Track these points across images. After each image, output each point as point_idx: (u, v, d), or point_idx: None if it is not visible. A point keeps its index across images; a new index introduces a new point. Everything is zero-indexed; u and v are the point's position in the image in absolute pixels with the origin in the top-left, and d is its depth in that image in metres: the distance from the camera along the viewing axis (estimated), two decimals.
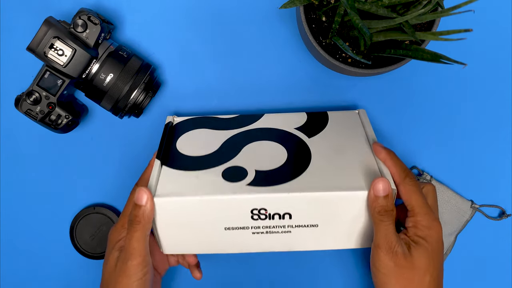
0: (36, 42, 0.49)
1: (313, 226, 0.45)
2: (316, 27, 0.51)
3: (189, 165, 0.48)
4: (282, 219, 0.44)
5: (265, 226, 0.45)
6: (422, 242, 0.43)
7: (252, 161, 0.48)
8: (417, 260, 0.42)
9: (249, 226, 0.45)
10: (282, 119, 0.54)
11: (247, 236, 0.45)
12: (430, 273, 0.43)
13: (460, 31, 0.41)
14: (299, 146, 0.50)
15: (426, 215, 0.44)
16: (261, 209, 0.44)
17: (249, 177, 0.46)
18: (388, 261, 0.42)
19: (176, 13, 0.57)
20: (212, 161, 0.48)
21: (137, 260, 0.44)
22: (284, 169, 0.47)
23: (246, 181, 0.45)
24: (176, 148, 0.51)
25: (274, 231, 0.45)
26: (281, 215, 0.44)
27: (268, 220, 0.45)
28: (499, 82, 0.58)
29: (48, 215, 0.59)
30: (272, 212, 0.44)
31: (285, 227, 0.45)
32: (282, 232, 0.45)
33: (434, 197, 0.48)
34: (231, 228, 0.45)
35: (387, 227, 0.43)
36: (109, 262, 0.46)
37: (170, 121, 0.55)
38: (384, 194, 0.42)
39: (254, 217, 0.44)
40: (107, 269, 0.46)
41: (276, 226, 0.45)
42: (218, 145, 0.51)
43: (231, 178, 0.46)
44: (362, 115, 0.55)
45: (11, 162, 0.59)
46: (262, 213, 0.44)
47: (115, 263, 0.45)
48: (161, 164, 0.48)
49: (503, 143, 0.59)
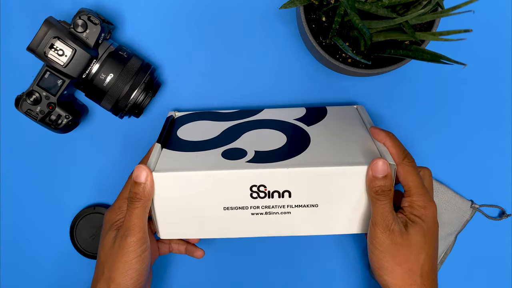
0: (36, 42, 0.49)
1: (313, 206, 0.45)
2: (316, 27, 0.51)
3: (189, 148, 0.48)
4: (282, 197, 0.44)
5: (264, 206, 0.45)
6: (418, 221, 0.44)
7: (251, 144, 0.48)
8: (413, 238, 0.43)
9: (248, 206, 0.45)
10: (281, 112, 0.55)
11: (246, 217, 0.45)
12: (425, 251, 0.44)
13: (460, 31, 0.41)
14: (298, 131, 0.50)
15: (422, 195, 0.44)
16: (260, 186, 0.44)
17: (249, 156, 0.46)
18: (384, 239, 0.43)
19: (176, 13, 0.57)
20: (212, 144, 0.49)
21: (137, 236, 0.44)
22: (283, 149, 0.47)
23: (246, 159, 0.45)
24: (176, 135, 0.51)
25: (274, 212, 0.45)
26: (280, 193, 0.44)
27: (268, 199, 0.44)
28: (499, 82, 0.58)
29: (48, 215, 0.59)
30: (271, 189, 0.44)
31: (285, 207, 0.45)
32: (282, 213, 0.45)
33: (430, 180, 0.49)
34: (230, 208, 0.45)
35: (384, 205, 0.43)
36: (106, 242, 0.45)
37: (171, 115, 0.55)
38: (382, 174, 0.43)
39: (253, 195, 0.44)
40: (104, 248, 0.45)
41: (275, 206, 0.45)
42: (218, 132, 0.51)
43: (230, 157, 0.46)
44: (361, 110, 0.55)
45: (11, 162, 0.59)
46: (262, 190, 0.44)
47: (112, 242, 0.45)
48: (161, 148, 0.48)
49: (503, 143, 0.59)
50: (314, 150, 0.46)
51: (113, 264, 0.44)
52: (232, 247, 0.60)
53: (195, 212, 0.46)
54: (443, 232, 0.58)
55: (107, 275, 0.44)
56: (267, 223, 0.46)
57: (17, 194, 0.59)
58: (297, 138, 0.49)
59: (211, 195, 0.44)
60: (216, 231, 0.47)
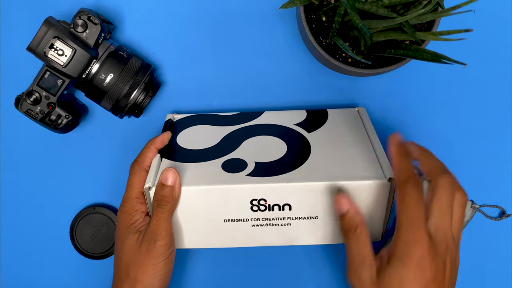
0: (36, 42, 0.49)
1: (313, 218, 0.45)
2: (316, 27, 0.51)
3: (189, 158, 0.48)
4: (282, 210, 0.44)
5: (265, 218, 0.45)
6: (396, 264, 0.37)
7: (251, 154, 0.48)
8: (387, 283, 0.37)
9: (249, 218, 0.45)
10: (282, 116, 0.55)
11: (247, 228, 0.45)
12: None
13: (460, 31, 0.41)
14: (298, 140, 0.50)
15: (407, 229, 0.37)
16: (260, 200, 0.44)
17: (249, 168, 0.46)
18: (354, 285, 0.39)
19: (176, 13, 0.57)
20: (212, 154, 0.48)
21: (165, 240, 0.44)
22: (283, 160, 0.47)
23: (246, 172, 0.45)
24: (176, 142, 0.51)
25: (274, 224, 0.45)
26: (280, 206, 0.44)
27: (268, 212, 0.44)
28: (499, 82, 0.58)
29: (48, 215, 0.59)
30: (271, 203, 0.44)
31: (285, 219, 0.45)
32: (282, 224, 0.45)
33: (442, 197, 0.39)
34: (231, 220, 0.45)
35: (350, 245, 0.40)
36: (128, 245, 0.45)
37: (170, 118, 0.55)
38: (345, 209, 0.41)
39: (254, 208, 0.44)
40: (126, 251, 0.45)
41: (276, 218, 0.45)
42: (218, 140, 0.51)
43: (230, 169, 0.45)
44: (362, 112, 0.55)
45: (11, 162, 0.59)
46: (262, 204, 0.44)
47: (137, 245, 0.44)
48: (160, 157, 0.48)
49: (503, 143, 0.59)
50: (314, 162, 0.46)
51: (140, 267, 0.44)
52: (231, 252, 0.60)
53: (195, 224, 0.46)
54: None
55: (133, 277, 0.44)
56: (268, 233, 0.46)
57: (17, 194, 0.59)
58: (298, 147, 0.49)
59: (211, 208, 0.44)
60: (216, 241, 0.47)
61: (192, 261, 0.59)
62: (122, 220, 0.47)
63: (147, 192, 0.44)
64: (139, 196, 0.47)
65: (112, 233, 0.58)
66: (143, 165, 0.48)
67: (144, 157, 0.49)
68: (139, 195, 0.47)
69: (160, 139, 0.50)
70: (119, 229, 0.47)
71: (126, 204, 0.47)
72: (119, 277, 0.46)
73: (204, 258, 0.59)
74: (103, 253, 0.58)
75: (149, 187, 0.44)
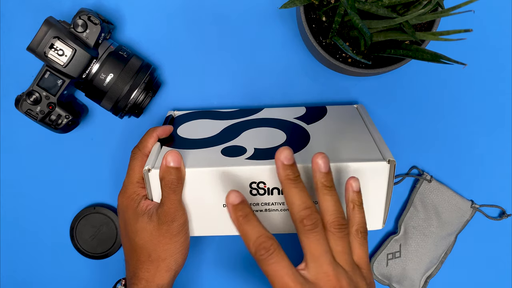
0: (36, 42, 0.49)
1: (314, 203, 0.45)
2: (316, 27, 0.51)
3: (189, 146, 0.48)
4: (281, 194, 0.44)
5: (264, 203, 0.45)
6: None
7: (251, 141, 0.48)
8: None
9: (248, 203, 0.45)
10: (281, 111, 0.55)
11: None
12: None
13: (460, 31, 0.41)
14: (298, 130, 0.50)
15: (312, 263, 0.38)
16: (259, 183, 0.44)
17: (248, 153, 0.46)
18: None
19: (176, 13, 0.57)
20: (212, 142, 0.49)
21: (183, 218, 0.45)
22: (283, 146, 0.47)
23: (245, 156, 0.45)
24: (176, 133, 0.51)
25: (273, 209, 0.45)
26: (280, 190, 0.44)
27: (267, 196, 0.44)
28: (499, 82, 0.58)
29: (48, 215, 0.59)
30: (271, 186, 0.44)
31: (285, 204, 0.45)
32: (282, 210, 0.45)
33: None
34: None
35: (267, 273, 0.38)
36: (141, 228, 0.45)
37: (170, 114, 0.55)
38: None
39: (253, 192, 0.44)
40: (143, 234, 0.45)
41: (275, 203, 0.45)
42: (218, 131, 0.51)
43: (230, 154, 0.46)
44: (361, 108, 0.56)
45: (11, 162, 0.59)
46: (261, 187, 0.44)
47: (151, 227, 0.45)
48: (160, 145, 0.48)
49: (503, 143, 0.59)
50: (313, 148, 0.46)
51: (161, 246, 0.45)
52: (232, 244, 0.60)
53: (194, 209, 0.46)
54: (443, 232, 0.58)
55: (154, 256, 0.45)
56: (267, 220, 0.46)
57: (17, 194, 0.59)
58: (297, 136, 0.49)
59: (210, 192, 0.44)
60: (215, 228, 0.47)
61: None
62: (126, 205, 0.47)
63: (146, 174, 0.44)
64: (140, 181, 0.47)
65: (112, 233, 0.58)
66: (144, 151, 0.48)
67: (146, 143, 0.49)
68: (140, 179, 0.47)
69: (162, 128, 0.50)
70: (126, 213, 0.47)
71: (127, 189, 0.47)
72: (138, 259, 0.46)
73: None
74: (103, 253, 0.58)
75: (149, 169, 0.44)
